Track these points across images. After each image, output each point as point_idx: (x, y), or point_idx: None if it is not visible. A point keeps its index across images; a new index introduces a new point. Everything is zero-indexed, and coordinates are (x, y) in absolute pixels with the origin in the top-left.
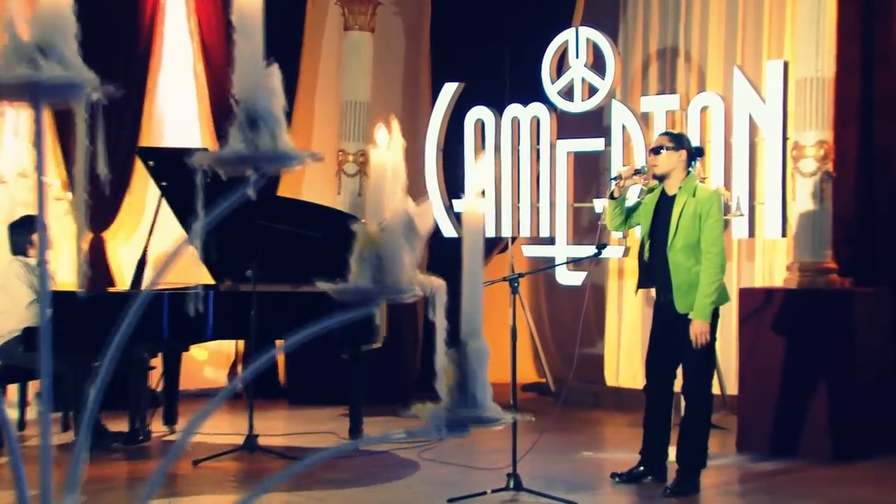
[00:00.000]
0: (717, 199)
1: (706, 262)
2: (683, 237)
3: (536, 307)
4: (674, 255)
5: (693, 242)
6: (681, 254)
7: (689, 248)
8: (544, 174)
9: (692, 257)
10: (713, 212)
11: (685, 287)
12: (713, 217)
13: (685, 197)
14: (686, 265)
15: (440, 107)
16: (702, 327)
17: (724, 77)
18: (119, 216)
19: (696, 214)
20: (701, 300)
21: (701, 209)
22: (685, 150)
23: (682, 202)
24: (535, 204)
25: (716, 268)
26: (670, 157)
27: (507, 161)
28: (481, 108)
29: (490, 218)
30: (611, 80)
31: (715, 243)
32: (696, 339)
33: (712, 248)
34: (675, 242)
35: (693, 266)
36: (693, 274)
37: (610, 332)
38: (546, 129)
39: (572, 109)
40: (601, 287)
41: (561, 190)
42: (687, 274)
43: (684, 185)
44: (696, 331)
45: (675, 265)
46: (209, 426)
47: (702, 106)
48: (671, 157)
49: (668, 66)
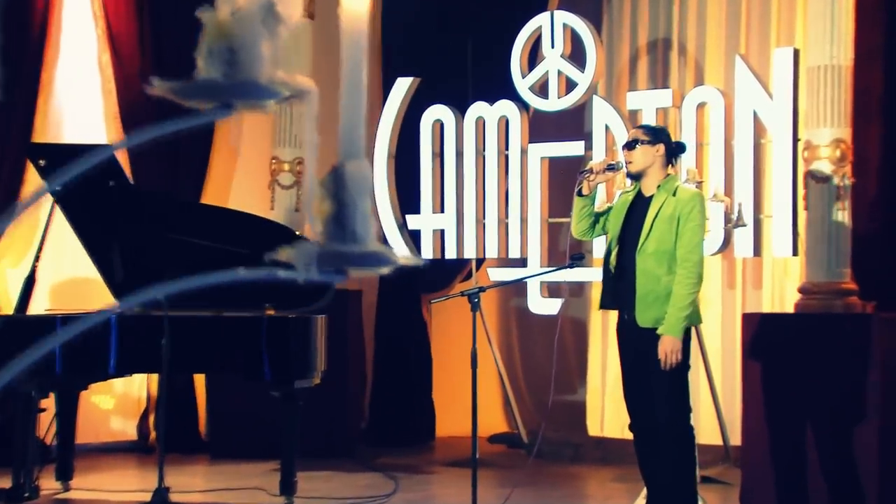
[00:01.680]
0: (701, 201)
1: (682, 271)
2: (657, 240)
3: (506, 345)
4: (643, 259)
5: (667, 248)
6: (651, 259)
7: (662, 254)
8: (514, 184)
9: (664, 265)
10: (694, 215)
11: (650, 298)
12: (694, 221)
13: (664, 197)
14: (655, 273)
15: (392, 106)
16: (673, 344)
17: (725, 69)
18: (7, 233)
19: (673, 216)
20: (673, 313)
21: (680, 211)
22: (663, 145)
23: (659, 202)
24: (503, 220)
25: (693, 278)
26: (646, 153)
27: (471, 169)
28: (440, 107)
29: (451, 236)
30: (592, 72)
31: (693, 251)
32: (666, 357)
33: (690, 256)
34: (646, 245)
35: (664, 276)
36: (662, 285)
37: (593, 374)
38: (516, 131)
39: (547, 108)
40: (582, 322)
41: (534, 203)
42: (654, 283)
43: (664, 184)
44: (665, 348)
45: (643, 272)
46: (111, 481)
47: (698, 102)
48: (647, 152)
49: (659, 57)
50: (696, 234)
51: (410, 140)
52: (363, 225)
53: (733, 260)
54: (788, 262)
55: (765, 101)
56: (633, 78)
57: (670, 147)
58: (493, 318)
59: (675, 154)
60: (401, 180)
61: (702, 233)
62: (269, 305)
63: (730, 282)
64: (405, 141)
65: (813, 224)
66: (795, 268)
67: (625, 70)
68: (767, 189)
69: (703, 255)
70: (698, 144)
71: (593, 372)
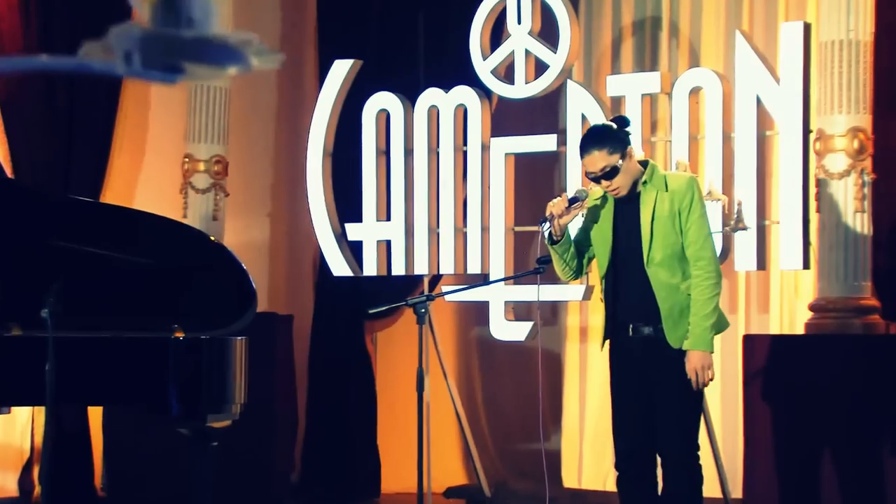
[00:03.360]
0: (696, 185)
1: (697, 271)
2: (663, 245)
3: (466, 381)
4: (654, 272)
5: (677, 251)
6: (663, 269)
7: (673, 259)
8: (474, 186)
9: (678, 272)
10: (695, 205)
11: (676, 313)
12: (696, 211)
13: (654, 192)
14: (672, 282)
15: (328, 94)
16: (703, 359)
17: (725, 50)
18: None
19: (673, 212)
20: (697, 322)
21: (679, 203)
22: (628, 147)
23: (651, 200)
24: (460, 229)
25: (712, 277)
26: (626, 170)
27: (422, 168)
28: (386, 94)
29: (398, 249)
30: (566, 52)
31: (704, 245)
32: (698, 375)
33: (703, 253)
34: (652, 255)
35: (681, 283)
36: (683, 294)
37: (569, 416)
38: (476, 123)
39: (513, 94)
40: (555, 354)
41: (497, 208)
42: (676, 294)
43: (648, 178)
44: (695, 364)
45: (659, 286)
46: None
47: (692, 87)
48: (626, 169)
49: (647, 37)
50: (703, 226)
51: (350, 134)
52: (202, 7)
53: (734, 276)
54: (799, 277)
55: (770, 85)
56: (615, 60)
57: (628, 136)
58: (449, 349)
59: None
60: (339, 182)
61: (708, 222)
62: (177, 326)
63: (731, 304)
64: (344, 135)
65: (826, 229)
66: (808, 283)
67: (606, 52)
68: (773, 190)
69: (715, 249)
70: (691, 137)
71: (569, 413)
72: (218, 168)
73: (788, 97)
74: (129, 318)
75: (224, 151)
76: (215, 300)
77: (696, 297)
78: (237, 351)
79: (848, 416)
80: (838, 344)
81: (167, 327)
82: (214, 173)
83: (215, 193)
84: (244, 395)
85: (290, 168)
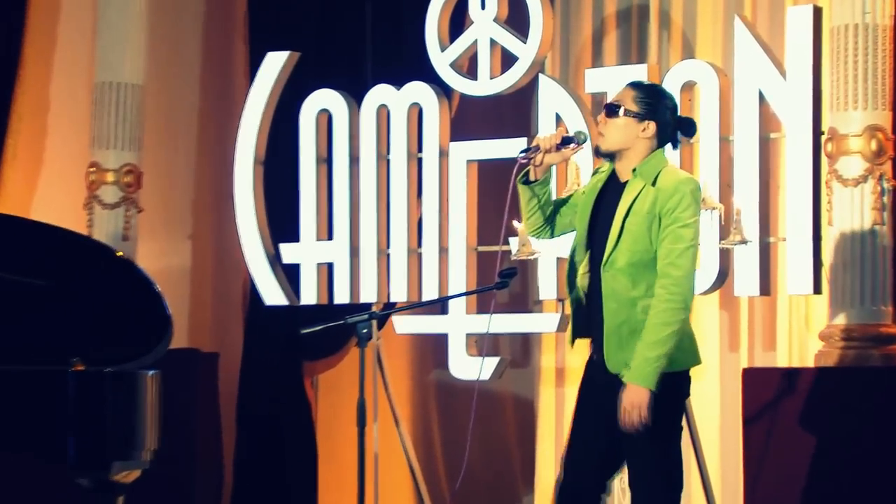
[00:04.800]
0: (693, 189)
1: (661, 290)
2: (629, 249)
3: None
4: (610, 277)
5: (646, 261)
6: (623, 277)
7: (637, 268)
8: (430, 199)
9: (641, 285)
10: (682, 209)
11: (625, 332)
12: (682, 219)
13: (640, 186)
14: (630, 295)
15: (260, 91)
16: (638, 396)
17: (723, 40)
18: None
19: (652, 214)
20: (643, 352)
21: (662, 205)
22: (654, 124)
23: (633, 193)
24: (414, 249)
25: (676, 301)
26: (627, 129)
27: (370, 178)
28: (327, 92)
29: (342, 273)
30: (537, 42)
31: (679, 261)
32: (628, 415)
33: (672, 270)
34: (614, 257)
35: (641, 297)
36: (640, 310)
37: (543, 475)
38: (433, 125)
39: (476, 91)
40: (527, 401)
41: (458, 224)
42: (629, 310)
43: (642, 167)
44: (627, 400)
45: (611, 294)
46: None
47: (684, 81)
48: (630, 127)
49: (633, 25)
50: (683, 238)
51: (285, 139)
52: None
53: (735, 305)
54: (811, 303)
55: (775, 79)
56: (597, 53)
57: (667, 127)
58: (402, 392)
59: (675, 139)
60: (272, 196)
61: (693, 234)
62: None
63: (731, 339)
64: (278, 140)
65: (839, 245)
66: (821, 311)
67: (586, 44)
68: (779, 201)
69: (692, 269)
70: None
71: (544, 470)
72: (129, 179)
73: (796, 93)
74: (17, 348)
75: (136, 160)
76: (122, 327)
77: (649, 319)
78: (148, 387)
79: (865, 461)
80: (854, 378)
81: (64, 359)
82: (125, 185)
83: (126, 209)
84: (156, 441)
85: (216, 179)
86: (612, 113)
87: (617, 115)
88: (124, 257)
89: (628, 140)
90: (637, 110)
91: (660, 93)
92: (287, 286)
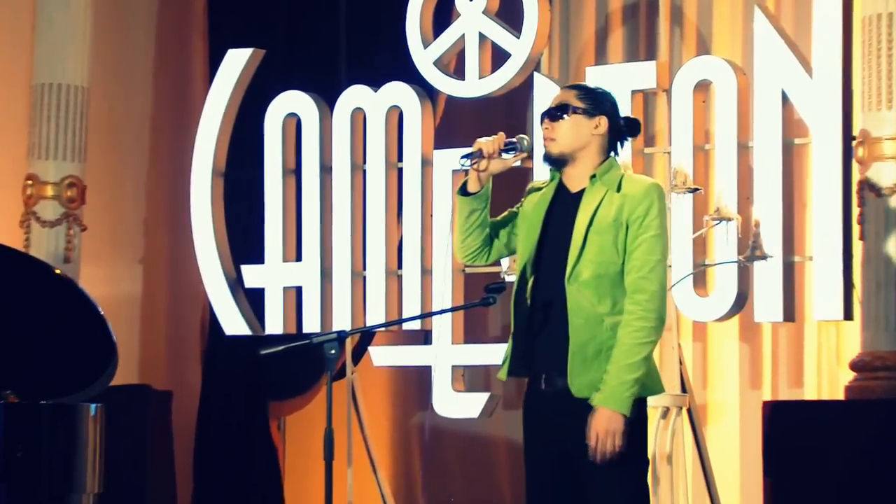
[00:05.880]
0: (660, 195)
1: (634, 307)
2: (596, 261)
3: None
4: (575, 291)
5: (612, 274)
6: (588, 291)
7: (604, 281)
8: (412, 214)
9: (607, 300)
10: (651, 217)
11: (591, 352)
12: (651, 229)
13: (601, 192)
14: (596, 312)
15: (220, 94)
16: (612, 422)
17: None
18: None
19: (619, 223)
20: (617, 374)
21: (630, 213)
22: (605, 118)
23: (594, 200)
24: (393, 271)
25: (650, 319)
26: (578, 127)
27: (344, 191)
28: (296, 94)
29: (312, 299)
30: (532, 38)
31: (652, 275)
32: (601, 443)
33: (645, 284)
34: (578, 269)
35: (608, 315)
36: (606, 329)
37: None
38: (415, 131)
39: (463, 93)
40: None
41: (443, 243)
42: (596, 328)
43: (601, 172)
44: (600, 426)
45: (576, 309)
46: None
47: (698, 80)
48: (579, 125)
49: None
50: (655, 249)
51: (249, 147)
52: None
53: (755, 332)
54: (842, 330)
55: (799, 77)
56: (600, 50)
57: (616, 123)
58: (381, 433)
59: (624, 136)
60: (233, 211)
61: (664, 246)
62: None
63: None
64: (240, 149)
65: (872, 263)
66: (853, 339)
67: (589, 40)
68: (806, 215)
69: (665, 282)
70: (697, 147)
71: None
72: (71, 193)
73: (824, 92)
74: None
75: (80, 171)
76: (61, 355)
77: (622, 339)
78: (90, 422)
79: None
80: (888, 411)
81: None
82: (67, 200)
83: (68, 227)
84: (99, 483)
85: (171, 194)
86: (559, 115)
87: (564, 117)
88: (64, 276)
89: (581, 139)
90: (585, 106)
91: (601, 91)
92: (250, 314)
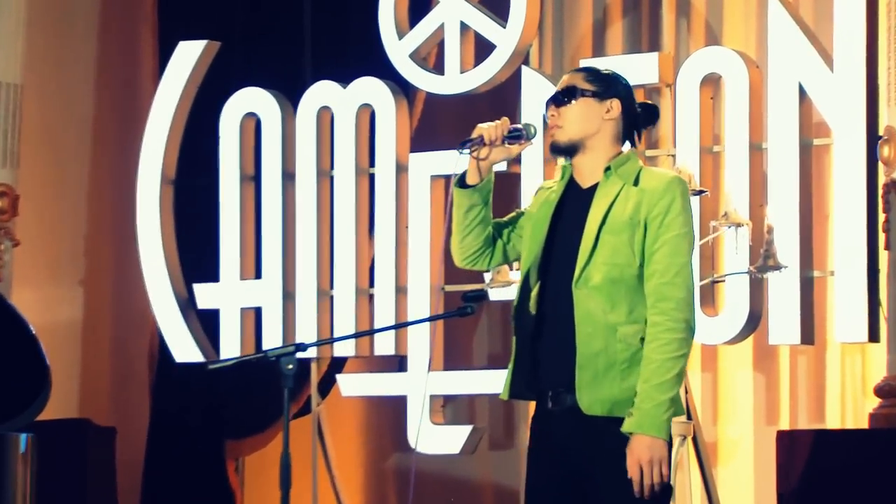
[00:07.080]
0: (683, 189)
1: (660, 317)
2: (606, 263)
3: None
4: (584, 296)
5: (627, 278)
6: (598, 297)
7: (618, 287)
8: (385, 226)
9: (621, 307)
10: (674, 215)
11: (602, 366)
12: (674, 226)
13: (617, 187)
14: (607, 320)
15: (170, 91)
16: (656, 449)
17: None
18: None
19: (635, 221)
20: (651, 395)
21: (649, 210)
22: (618, 101)
23: (609, 196)
24: (364, 290)
25: (680, 330)
26: (587, 112)
27: (309, 200)
28: (255, 91)
29: (273, 321)
30: (519, 28)
31: (677, 280)
32: (643, 474)
33: (672, 291)
34: (588, 273)
35: (622, 325)
36: (619, 340)
37: None
38: (389, 132)
39: (443, 89)
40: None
41: (420, 258)
42: (608, 338)
43: (616, 165)
44: (642, 455)
45: (585, 317)
46: None
47: (705, 74)
48: (589, 110)
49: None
50: (679, 251)
51: (202, 151)
52: None
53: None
54: (868, 354)
55: (819, 70)
56: (598, 41)
57: (631, 109)
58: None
59: (640, 124)
60: (184, 223)
61: (689, 247)
62: None
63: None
64: (193, 153)
65: None
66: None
67: (586, 33)
68: (828, 229)
69: (692, 287)
70: (704, 149)
71: None
72: (2, 204)
73: (846, 87)
74: None
75: (12, 179)
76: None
77: (650, 355)
78: (17, 455)
79: None
80: None
81: None
82: None
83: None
84: None
85: (115, 205)
86: (565, 100)
87: (571, 101)
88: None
89: (591, 124)
90: (594, 89)
91: (613, 73)
92: (204, 338)
